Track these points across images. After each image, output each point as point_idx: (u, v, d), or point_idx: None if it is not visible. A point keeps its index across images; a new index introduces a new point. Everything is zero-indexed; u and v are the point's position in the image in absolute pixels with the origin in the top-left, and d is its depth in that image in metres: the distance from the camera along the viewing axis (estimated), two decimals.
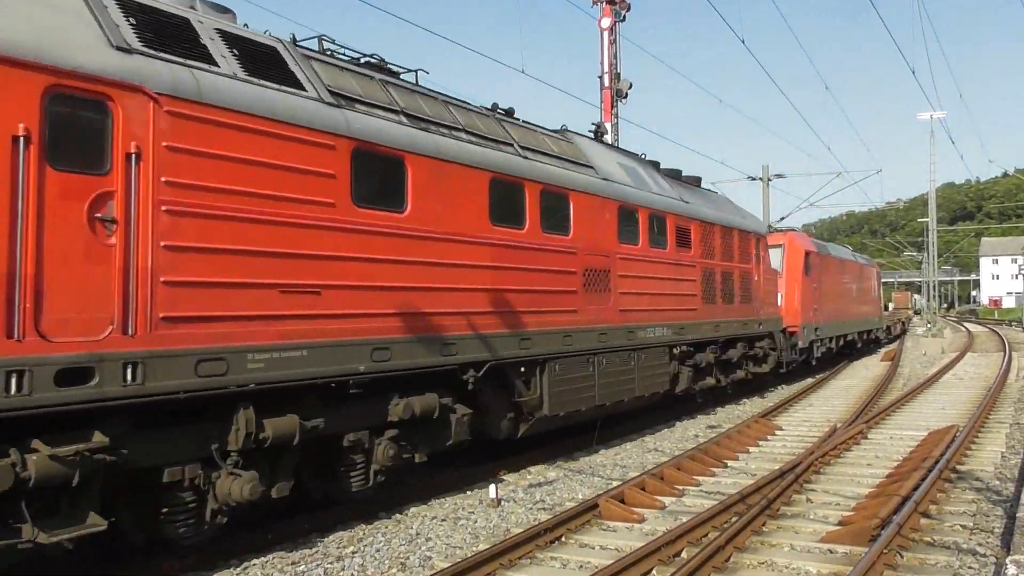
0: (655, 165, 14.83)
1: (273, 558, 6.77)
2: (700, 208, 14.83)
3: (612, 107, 21.27)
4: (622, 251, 11.81)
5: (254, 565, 6.61)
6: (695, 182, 16.23)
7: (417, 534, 7.51)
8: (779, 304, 19.83)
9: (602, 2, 21.24)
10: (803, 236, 24.35)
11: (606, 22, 21.19)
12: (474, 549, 6.90)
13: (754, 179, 32.76)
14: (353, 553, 6.94)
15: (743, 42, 17.93)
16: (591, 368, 10.87)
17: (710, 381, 15.01)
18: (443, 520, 7.97)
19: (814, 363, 22.91)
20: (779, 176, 33.07)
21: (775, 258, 20.66)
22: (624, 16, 21.62)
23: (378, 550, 7.04)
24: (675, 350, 13.37)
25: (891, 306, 78.62)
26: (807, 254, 22.35)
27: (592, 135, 13.75)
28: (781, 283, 20.51)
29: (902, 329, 45.00)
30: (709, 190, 17.08)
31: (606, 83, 21.19)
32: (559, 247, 10.33)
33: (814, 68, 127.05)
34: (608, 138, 20.16)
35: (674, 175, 15.35)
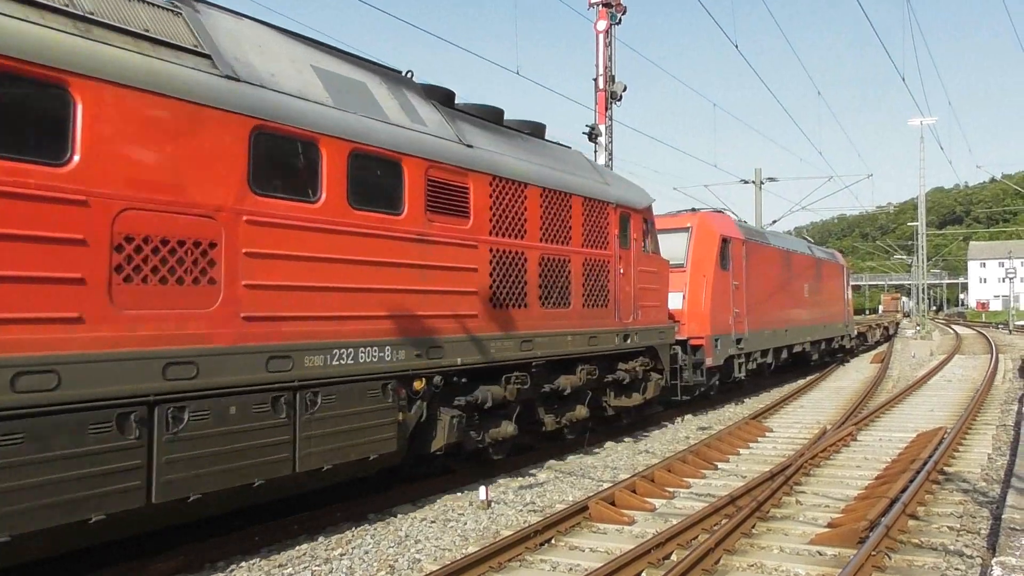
0: (441, 95, 9.66)
1: (260, 560, 6.73)
2: (492, 156, 9.56)
3: (606, 109, 21.26)
4: (261, 210, 6.72)
5: (241, 568, 6.57)
6: (535, 131, 11.39)
7: (406, 536, 7.48)
8: (680, 307, 15.45)
9: (598, 5, 21.26)
10: (722, 217, 18.41)
11: (602, 25, 21.19)
12: (464, 551, 6.88)
13: (747, 182, 32.99)
14: (341, 555, 6.91)
15: (736, 47, 18.01)
16: (137, 433, 5.66)
17: (508, 429, 9.76)
18: (432, 522, 7.94)
19: (743, 379, 18.10)
20: (771, 180, 33.37)
21: (677, 245, 16.06)
22: (620, 19, 21.65)
23: (367, 552, 7.01)
24: (416, 384, 8.29)
25: (880, 309, 79.21)
26: (724, 241, 16.82)
27: (587, 136, 13.26)
28: (683, 279, 15.79)
29: (885, 335, 40.05)
30: (558, 143, 12.00)
31: (600, 85, 21.19)
32: (25, 190, 5.22)
33: (806, 73, 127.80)
34: (602, 140, 20.19)
35: (478, 114, 10.26)
